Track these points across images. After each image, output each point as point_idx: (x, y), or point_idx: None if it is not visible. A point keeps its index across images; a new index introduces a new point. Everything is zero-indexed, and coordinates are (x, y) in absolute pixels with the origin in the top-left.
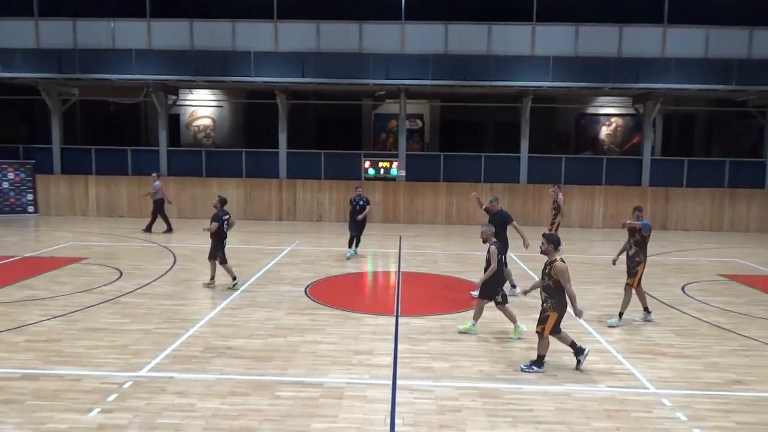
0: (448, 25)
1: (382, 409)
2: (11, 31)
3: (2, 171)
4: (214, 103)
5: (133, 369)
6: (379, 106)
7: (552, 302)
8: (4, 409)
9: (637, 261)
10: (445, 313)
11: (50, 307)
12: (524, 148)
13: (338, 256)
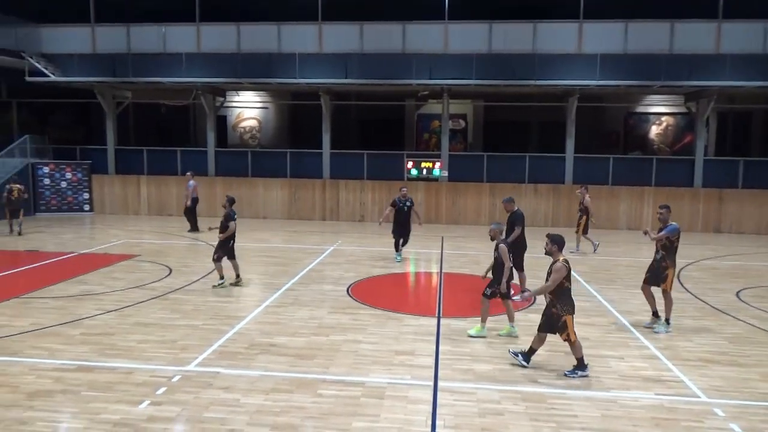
0: (492, 24)
1: (424, 410)
2: (69, 38)
3: (61, 171)
4: (259, 105)
5: (181, 363)
6: (422, 107)
7: (560, 305)
8: (61, 398)
9: (663, 266)
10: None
11: (104, 302)
12: (570, 149)
13: (380, 257)
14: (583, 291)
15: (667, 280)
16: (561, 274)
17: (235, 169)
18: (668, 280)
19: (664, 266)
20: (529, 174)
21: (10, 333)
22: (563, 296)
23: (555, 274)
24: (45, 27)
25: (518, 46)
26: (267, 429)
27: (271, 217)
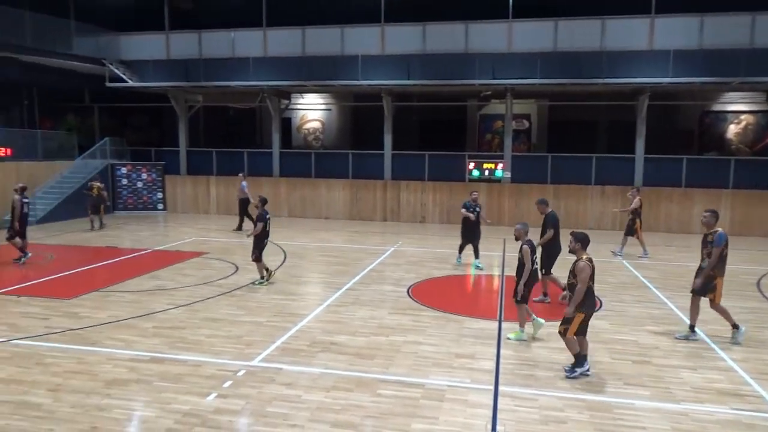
0: (557, 21)
1: (484, 415)
2: (146, 45)
3: (137, 172)
4: (322, 107)
5: (246, 358)
6: (484, 107)
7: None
8: (136, 387)
9: (711, 275)
10: (551, 320)
11: (175, 297)
12: (640, 149)
13: (441, 258)
14: (654, 298)
15: (716, 291)
16: (586, 273)
17: (299, 170)
18: (717, 290)
19: (711, 275)
20: (596, 175)
21: (90, 324)
22: (585, 295)
23: (581, 275)
24: (124, 35)
25: (585, 44)
26: (327, 426)
27: (333, 218)
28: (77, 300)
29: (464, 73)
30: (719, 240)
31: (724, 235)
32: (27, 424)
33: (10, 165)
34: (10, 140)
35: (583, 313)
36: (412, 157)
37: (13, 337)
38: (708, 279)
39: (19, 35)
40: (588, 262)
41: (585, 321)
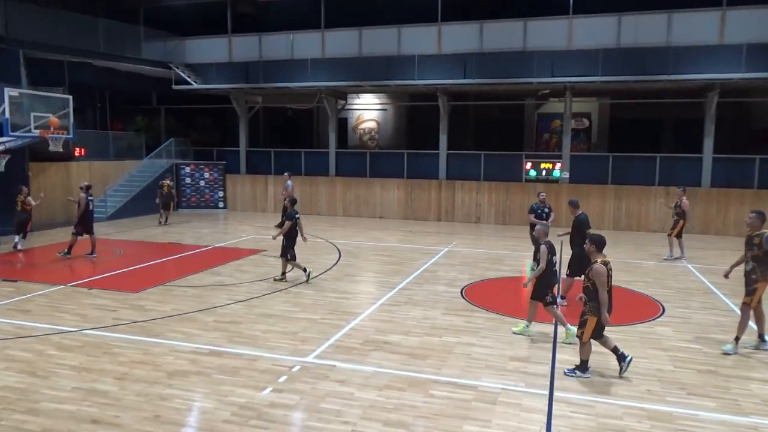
0: (621, 16)
1: (538, 420)
2: (209, 48)
3: (200, 171)
4: (378, 107)
5: (300, 354)
6: (542, 106)
7: (591, 305)
8: (195, 379)
9: (753, 279)
10: (610, 325)
11: (234, 293)
12: (708, 148)
13: (495, 259)
14: (721, 305)
15: (755, 294)
16: (603, 276)
17: (354, 169)
18: (756, 294)
19: (753, 278)
20: (660, 176)
21: (155, 317)
22: (595, 298)
23: (598, 278)
24: (189, 39)
25: (650, 39)
26: (380, 425)
27: (387, 217)
28: (143, 293)
29: (522, 72)
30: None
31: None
32: (95, 410)
33: (84, 164)
34: (84, 141)
35: (595, 317)
36: (467, 157)
37: (85, 327)
38: (750, 281)
39: (93, 42)
40: (603, 265)
41: (599, 325)
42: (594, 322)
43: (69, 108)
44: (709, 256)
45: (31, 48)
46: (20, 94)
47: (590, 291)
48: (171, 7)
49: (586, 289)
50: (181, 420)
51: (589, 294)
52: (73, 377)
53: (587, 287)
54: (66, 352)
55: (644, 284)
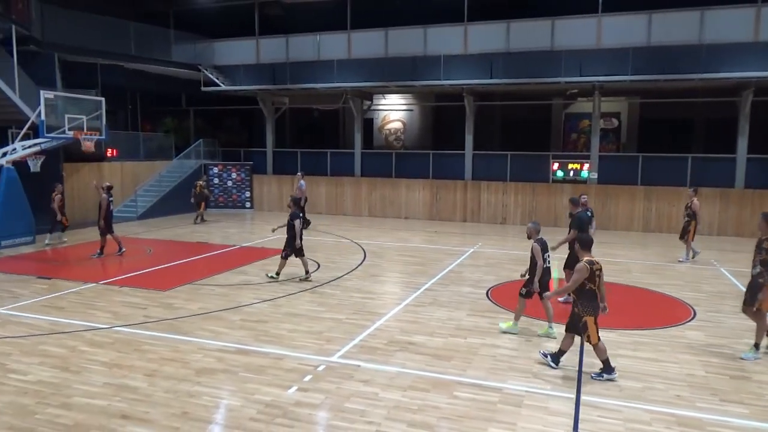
0: (651, 14)
1: (564, 424)
2: (237, 50)
3: (227, 171)
4: (404, 107)
5: (326, 354)
6: (569, 105)
7: (581, 306)
8: (223, 377)
9: (761, 283)
10: (639, 329)
11: (260, 292)
12: (742, 149)
13: (521, 260)
14: None
15: (765, 299)
16: (582, 274)
17: (380, 170)
18: (766, 299)
19: (761, 283)
20: (692, 177)
21: (183, 315)
22: (584, 297)
23: (576, 274)
24: (217, 41)
25: (682, 37)
26: (404, 425)
27: (412, 217)
28: (172, 292)
29: (549, 71)
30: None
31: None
32: (125, 405)
33: (116, 165)
34: (116, 142)
35: (591, 316)
36: (493, 157)
37: (116, 324)
38: (758, 286)
39: (124, 45)
40: (587, 264)
41: (596, 323)
42: (592, 321)
43: (101, 110)
44: (743, 259)
45: (66, 52)
46: (55, 96)
47: (578, 290)
48: (200, 9)
49: (576, 290)
50: (209, 417)
51: (578, 293)
52: (104, 373)
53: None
54: (97, 349)
55: (675, 287)
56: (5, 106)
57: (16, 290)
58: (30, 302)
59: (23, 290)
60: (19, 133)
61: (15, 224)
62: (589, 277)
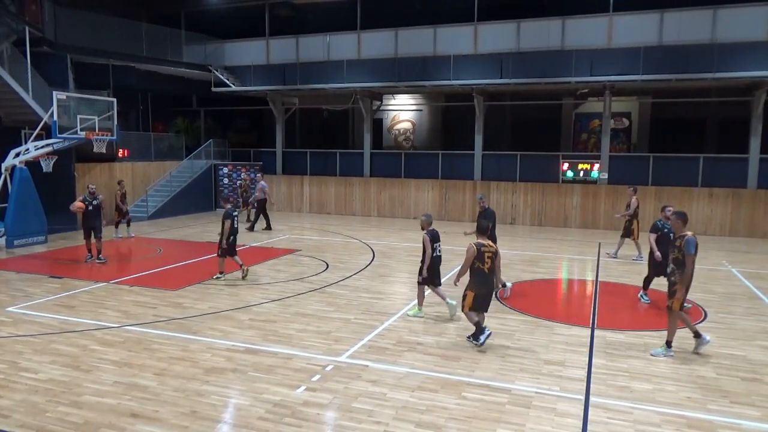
0: (663, 13)
1: (573, 425)
2: (247, 51)
3: (237, 171)
4: (413, 107)
5: (334, 354)
6: (580, 105)
7: (469, 282)
8: (231, 376)
9: (673, 281)
10: (650, 330)
11: (269, 292)
12: (754, 149)
13: (530, 260)
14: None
15: (675, 297)
16: (470, 254)
17: (389, 170)
18: (676, 297)
19: (673, 281)
20: (703, 177)
21: (192, 314)
22: (472, 274)
23: (466, 254)
24: (228, 42)
25: (694, 36)
26: (412, 426)
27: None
28: (181, 291)
29: (560, 71)
30: (689, 246)
31: (694, 240)
32: (135, 404)
33: (127, 165)
34: (127, 142)
35: (472, 291)
36: (503, 157)
37: (126, 323)
38: (670, 284)
39: (136, 46)
40: (473, 245)
41: (477, 299)
42: (472, 295)
43: (113, 110)
44: (755, 260)
45: (78, 53)
46: (67, 97)
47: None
48: (210, 11)
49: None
50: (217, 416)
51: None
52: (115, 372)
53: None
54: (108, 347)
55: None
56: (18, 106)
57: (29, 289)
58: (42, 301)
59: (35, 289)
60: (32, 133)
61: (28, 224)
62: (478, 257)
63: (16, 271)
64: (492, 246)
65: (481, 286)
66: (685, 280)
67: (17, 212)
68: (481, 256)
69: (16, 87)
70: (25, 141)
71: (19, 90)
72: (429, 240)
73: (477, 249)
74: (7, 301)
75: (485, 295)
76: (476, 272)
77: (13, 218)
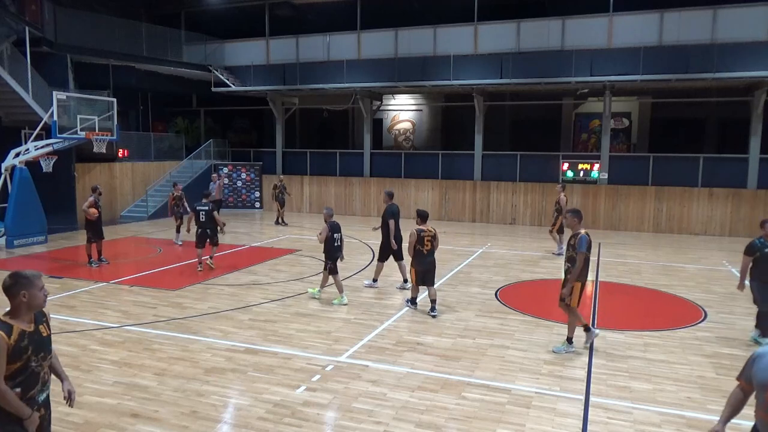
0: (663, 13)
1: (573, 425)
2: (247, 51)
3: (237, 171)
4: (413, 107)
5: (334, 354)
6: (580, 105)
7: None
8: (232, 376)
9: (568, 279)
10: (649, 330)
11: (269, 292)
12: (754, 148)
13: (530, 261)
14: None
15: (572, 295)
16: (412, 238)
17: (389, 170)
18: (573, 294)
19: (569, 278)
20: (703, 177)
21: (193, 314)
22: (414, 255)
23: (410, 238)
24: (228, 42)
25: (694, 36)
26: (412, 426)
27: None
28: (182, 291)
29: (560, 71)
30: (581, 244)
31: (587, 238)
32: (135, 404)
33: (127, 165)
34: (127, 142)
35: (414, 268)
36: (503, 158)
37: (126, 323)
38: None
39: (136, 46)
40: (415, 231)
41: (419, 274)
42: (414, 270)
43: (113, 110)
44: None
45: (78, 53)
46: (67, 97)
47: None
48: (210, 11)
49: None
50: (217, 416)
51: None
52: (115, 372)
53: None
54: (108, 347)
55: (685, 288)
56: (18, 106)
57: None
58: None
59: None
60: (32, 133)
61: (28, 224)
62: (418, 241)
63: None
64: (431, 231)
65: (420, 264)
66: (573, 277)
67: (17, 212)
68: (421, 240)
69: (16, 87)
70: (25, 141)
71: (19, 90)
72: (328, 230)
73: (417, 234)
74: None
75: (425, 271)
76: (417, 253)
77: (13, 218)
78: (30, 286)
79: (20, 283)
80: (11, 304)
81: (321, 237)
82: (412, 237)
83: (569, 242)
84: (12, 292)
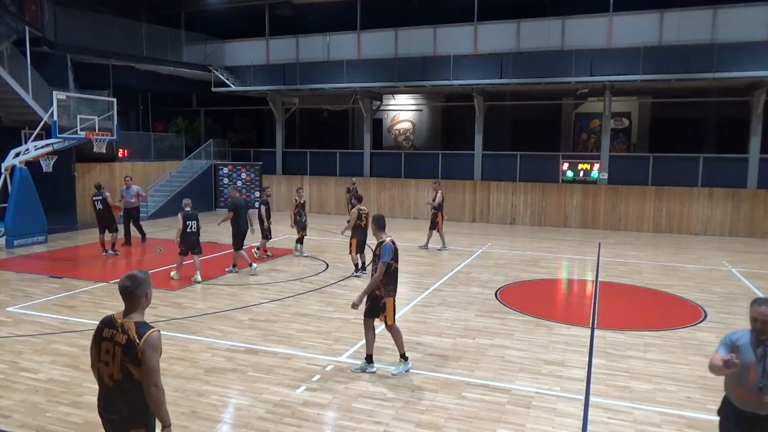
0: (663, 13)
1: (573, 425)
2: (247, 51)
3: (237, 171)
4: (413, 107)
5: (334, 354)
6: (580, 105)
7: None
8: (232, 376)
9: (378, 295)
10: (649, 330)
11: (269, 292)
12: (754, 148)
13: (530, 261)
14: None
15: (387, 311)
16: (353, 215)
17: (389, 170)
18: (387, 310)
19: (379, 295)
20: (703, 177)
21: (192, 314)
22: (354, 229)
23: (350, 216)
24: (228, 42)
25: (694, 36)
26: (412, 426)
27: (421, 218)
28: (181, 291)
29: (560, 71)
30: (385, 253)
31: (390, 246)
32: None
33: (127, 165)
34: (127, 142)
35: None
36: (503, 158)
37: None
38: (377, 298)
39: (136, 46)
40: (356, 209)
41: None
42: (354, 242)
43: (113, 110)
44: (755, 260)
45: (78, 53)
46: (67, 97)
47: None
48: (210, 11)
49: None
50: (217, 416)
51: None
52: None
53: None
54: None
55: (685, 288)
56: (18, 106)
57: (29, 289)
58: (42, 301)
59: (35, 289)
60: (32, 133)
61: (28, 224)
62: (358, 217)
63: (16, 271)
64: (365, 209)
65: (359, 236)
66: (369, 287)
67: (17, 212)
68: (360, 216)
69: (16, 87)
70: (25, 141)
71: (19, 90)
72: (181, 218)
73: (357, 211)
74: (7, 301)
75: (360, 242)
76: (357, 227)
77: (13, 218)
78: (150, 285)
79: (145, 283)
80: (135, 304)
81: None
82: (353, 214)
83: (375, 252)
84: (137, 293)
